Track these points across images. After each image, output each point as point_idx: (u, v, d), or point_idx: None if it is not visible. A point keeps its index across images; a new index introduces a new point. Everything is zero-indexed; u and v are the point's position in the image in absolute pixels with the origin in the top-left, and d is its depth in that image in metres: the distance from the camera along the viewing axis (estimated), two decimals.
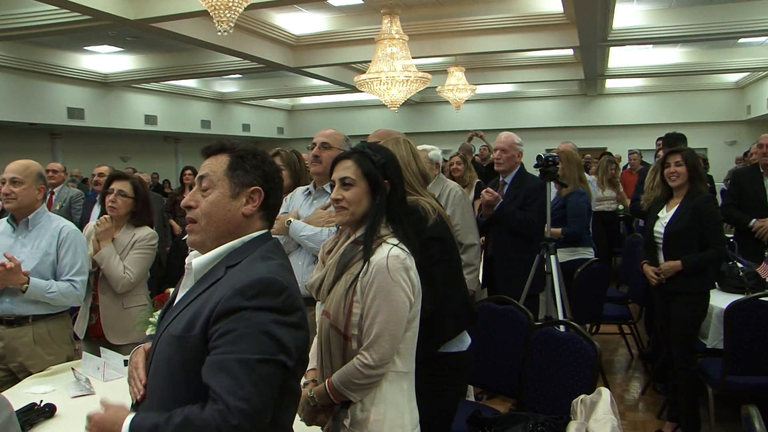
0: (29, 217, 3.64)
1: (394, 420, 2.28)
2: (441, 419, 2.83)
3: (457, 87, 14.31)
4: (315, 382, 2.40)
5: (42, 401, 2.75)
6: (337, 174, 2.39)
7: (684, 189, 4.38)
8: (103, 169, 6.63)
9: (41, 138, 15.61)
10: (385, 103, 10.70)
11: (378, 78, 9.85)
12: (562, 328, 3.55)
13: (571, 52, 13.63)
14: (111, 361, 3.28)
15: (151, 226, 4.06)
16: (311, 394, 2.33)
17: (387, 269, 2.24)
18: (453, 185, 4.54)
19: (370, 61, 10.17)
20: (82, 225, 4.58)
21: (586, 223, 5.74)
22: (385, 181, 2.37)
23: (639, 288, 5.64)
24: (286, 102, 22.63)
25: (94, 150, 16.46)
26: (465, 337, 3.00)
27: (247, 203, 1.89)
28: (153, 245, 3.99)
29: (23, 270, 3.45)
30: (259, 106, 21.48)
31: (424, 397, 2.46)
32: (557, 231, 5.42)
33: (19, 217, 3.65)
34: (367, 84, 10.08)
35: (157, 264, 4.51)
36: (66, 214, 6.73)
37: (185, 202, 1.91)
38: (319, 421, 2.37)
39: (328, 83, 16.22)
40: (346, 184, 2.36)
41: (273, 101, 21.72)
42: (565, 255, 5.50)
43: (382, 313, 2.22)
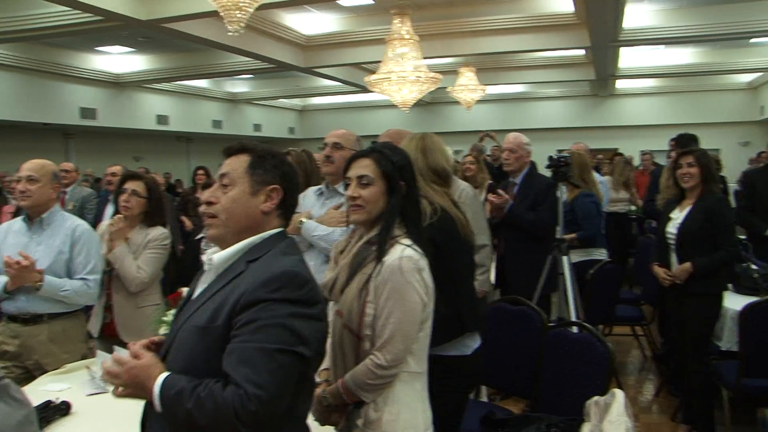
0: (44, 216, 3.66)
1: (407, 420, 2.28)
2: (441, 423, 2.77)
3: (468, 87, 14.32)
4: (328, 381, 2.40)
5: (58, 399, 2.77)
6: (355, 171, 2.38)
7: (697, 190, 4.36)
8: (116, 169, 6.65)
9: (55, 138, 15.69)
10: (396, 104, 10.70)
11: (389, 78, 9.86)
12: (575, 329, 3.54)
13: (583, 52, 13.57)
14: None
15: (165, 225, 4.08)
16: (324, 393, 2.33)
17: (400, 270, 2.24)
18: (464, 185, 4.52)
19: (380, 62, 10.17)
20: (94, 225, 4.60)
21: (598, 224, 5.72)
22: (402, 183, 2.37)
23: (652, 289, 5.61)
24: (297, 102, 22.64)
25: (106, 150, 16.51)
26: (469, 341, 2.96)
27: (266, 201, 1.94)
28: (166, 245, 4.01)
29: (38, 268, 3.47)
30: (270, 106, 21.49)
31: None
32: (572, 236, 5.39)
33: (34, 216, 3.67)
34: (378, 84, 10.09)
35: (172, 263, 4.53)
36: (78, 213, 6.74)
37: (206, 197, 1.96)
38: (333, 421, 2.37)
39: (339, 83, 16.22)
40: (364, 182, 2.35)
41: (284, 101, 21.73)
42: (579, 256, 5.48)
43: (395, 314, 2.22)
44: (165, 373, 1.77)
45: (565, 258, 4.79)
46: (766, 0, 10.58)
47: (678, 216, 4.43)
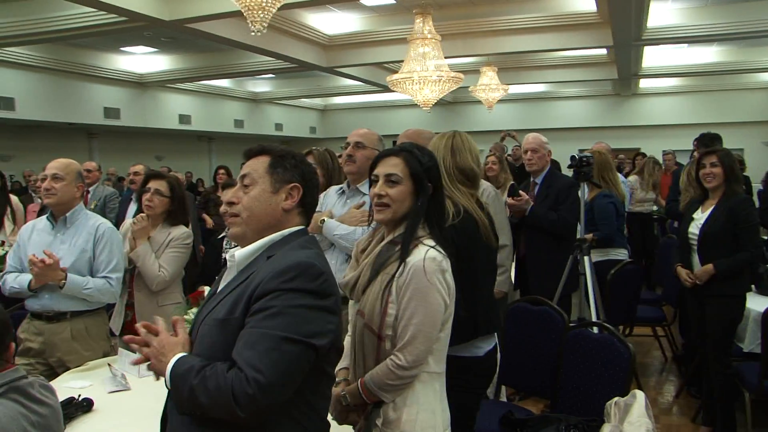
0: (68, 215, 3.70)
1: (426, 420, 2.28)
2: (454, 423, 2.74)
3: (490, 87, 14.27)
4: (347, 381, 2.40)
5: (80, 396, 2.81)
6: (383, 170, 2.37)
7: (720, 190, 4.32)
8: (139, 168, 6.70)
9: (79, 137, 15.87)
10: (418, 103, 10.70)
11: (410, 78, 9.86)
12: (595, 329, 3.52)
13: (605, 51, 13.50)
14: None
15: (187, 225, 4.11)
16: (344, 393, 2.33)
17: (424, 271, 2.23)
18: (486, 185, 4.51)
19: (402, 61, 10.18)
20: (116, 224, 4.64)
21: (615, 225, 5.67)
22: (429, 184, 2.36)
23: (673, 290, 5.58)
24: (318, 102, 22.70)
25: (129, 149, 16.69)
26: (481, 343, 2.92)
27: (287, 199, 1.98)
28: (188, 244, 4.04)
29: (61, 266, 3.51)
30: (292, 105, 21.57)
31: None
32: (589, 236, 5.36)
33: (58, 215, 3.71)
34: (400, 84, 10.09)
35: (193, 262, 4.56)
36: (100, 212, 6.79)
37: (228, 198, 2.00)
38: (351, 421, 2.37)
39: (360, 83, 16.25)
40: (392, 181, 2.34)
41: (305, 101, 21.80)
42: (597, 256, 5.45)
43: (417, 315, 2.22)
44: (180, 353, 1.82)
45: (587, 258, 4.77)
46: None
47: (701, 216, 4.39)
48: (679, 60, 15.25)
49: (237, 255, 1.97)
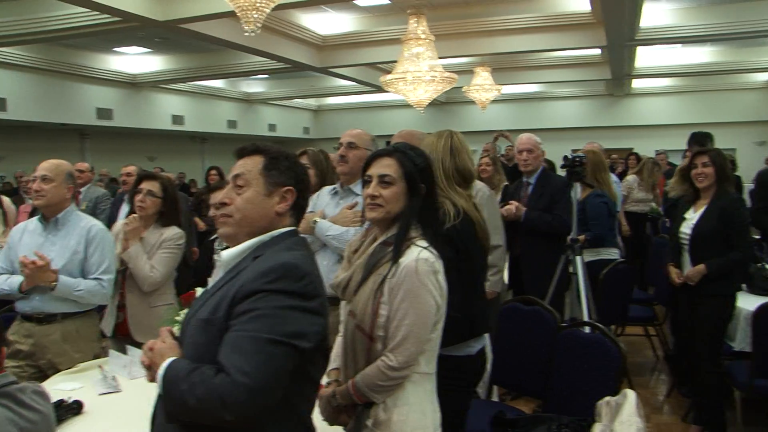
0: (59, 216, 3.69)
1: (416, 421, 2.27)
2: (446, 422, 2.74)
3: (483, 87, 14.30)
4: (338, 382, 2.39)
5: (70, 398, 2.79)
6: (376, 170, 2.36)
7: (711, 190, 4.34)
8: (131, 169, 6.68)
9: (71, 138, 15.83)
10: (411, 104, 10.71)
11: (404, 78, 9.87)
12: (587, 329, 3.53)
13: (598, 51, 13.53)
14: (137, 359, 3.29)
15: (179, 225, 4.09)
16: (334, 393, 2.33)
17: (416, 272, 2.23)
18: (480, 185, 4.51)
19: (396, 62, 10.18)
20: (108, 225, 4.62)
21: (607, 225, 5.68)
22: (422, 185, 2.36)
23: (665, 289, 5.59)
24: (312, 102, 22.70)
25: (122, 150, 16.63)
26: (474, 342, 2.93)
27: (281, 202, 1.97)
28: (180, 245, 4.03)
29: (52, 268, 3.49)
30: (285, 106, 21.56)
31: None
32: (581, 237, 5.37)
33: (49, 216, 3.69)
34: (393, 84, 10.10)
35: (184, 264, 4.54)
36: (90, 213, 6.76)
37: (220, 199, 1.98)
38: (341, 421, 2.37)
39: (354, 83, 16.26)
40: (385, 181, 2.33)
41: (299, 101, 21.79)
42: (589, 256, 5.45)
43: (409, 316, 2.21)
44: (174, 357, 1.81)
45: (579, 258, 4.78)
46: None
47: (692, 216, 4.40)
48: (672, 60, 15.30)
49: (224, 255, 1.97)
